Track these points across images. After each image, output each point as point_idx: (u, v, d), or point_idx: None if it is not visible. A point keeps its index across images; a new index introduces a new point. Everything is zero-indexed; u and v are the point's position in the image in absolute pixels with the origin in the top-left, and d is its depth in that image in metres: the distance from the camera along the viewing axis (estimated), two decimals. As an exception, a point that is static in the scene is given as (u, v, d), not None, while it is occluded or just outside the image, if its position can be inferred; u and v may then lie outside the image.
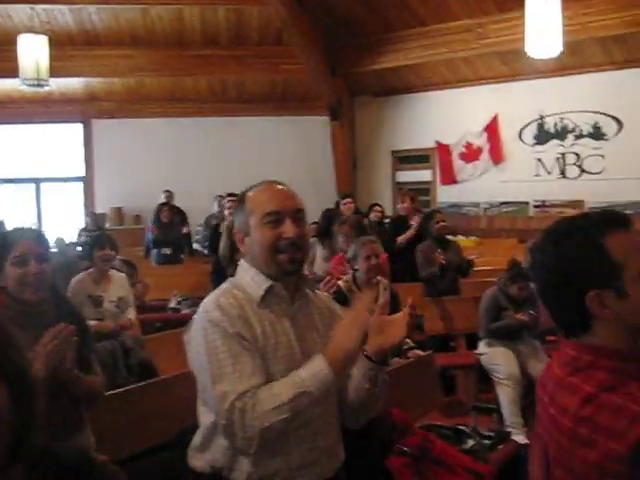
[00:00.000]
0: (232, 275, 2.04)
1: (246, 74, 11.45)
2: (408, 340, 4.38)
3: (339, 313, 2.13)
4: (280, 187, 2.01)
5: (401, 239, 6.95)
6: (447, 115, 11.30)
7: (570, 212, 10.02)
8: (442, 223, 6.27)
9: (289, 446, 1.85)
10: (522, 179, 10.65)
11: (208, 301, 1.90)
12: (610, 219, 1.34)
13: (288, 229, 1.90)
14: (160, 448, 2.81)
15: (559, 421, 1.31)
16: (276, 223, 1.90)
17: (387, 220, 8.19)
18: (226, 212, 7.08)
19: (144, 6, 9.98)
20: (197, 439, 1.97)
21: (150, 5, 9.95)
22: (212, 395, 1.79)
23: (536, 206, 10.64)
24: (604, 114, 10.09)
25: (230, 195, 6.92)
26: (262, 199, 1.95)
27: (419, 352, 4.28)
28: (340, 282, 4.25)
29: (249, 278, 1.94)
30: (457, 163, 11.34)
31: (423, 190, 11.41)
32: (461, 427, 3.72)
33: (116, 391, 3.22)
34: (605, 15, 8.53)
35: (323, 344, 1.90)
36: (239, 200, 2.05)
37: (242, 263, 2.00)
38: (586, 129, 10.27)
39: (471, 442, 3.58)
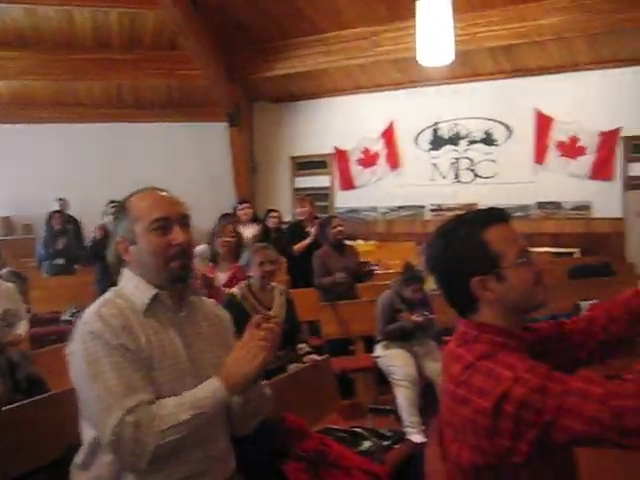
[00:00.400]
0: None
1: (141, 79, 11.16)
2: (304, 345, 4.39)
3: (227, 319, 2.11)
4: (164, 193, 1.98)
5: (298, 247, 6.95)
6: (345, 121, 11.43)
7: (464, 215, 10.33)
8: (339, 228, 6.30)
9: (179, 458, 1.80)
10: (418, 184, 10.91)
11: (89, 312, 1.84)
12: (490, 215, 1.56)
13: (177, 235, 1.87)
14: (50, 466, 2.71)
15: (447, 386, 1.51)
16: (164, 230, 1.86)
17: (285, 226, 8.19)
18: (105, 219, 6.92)
19: (31, 6, 9.56)
20: (79, 456, 1.89)
21: (37, 5, 9.54)
22: (96, 410, 1.72)
23: (432, 210, 10.90)
24: (495, 121, 10.47)
25: (112, 202, 6.75)
26: (148, 205, 1.90)
27: (315, 357, 4.28)
28: (234, 289, 4.21)
29: (133, 286, 1.89)
30: (355, 169, 11.49)
31: (322, 196, 11.52)
32: (357, 429, 3.74)
33: (2, 409, 3.06)
34: (494, 27, 8.85)
35: (211, 352, 1.88)
36: (121, 207, 1.98)
37: (125, 271, 1.94)
38: (478, 135, 10.62)
39: (367, 444, 3.60)
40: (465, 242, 1.52)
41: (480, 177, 10.61)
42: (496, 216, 1.56)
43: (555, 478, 1.51)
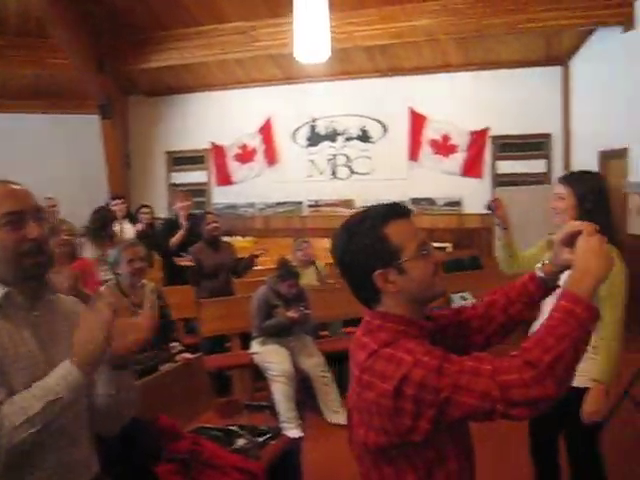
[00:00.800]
0: None
1: (7, 67, 10.55)
2: (177, 344, 4.30)
3: None
4: (16, 186, 1.85)
5: (174, 240, 6.81)
6: (222, 116, 11.29)
7: (341, 211, 10.51)
8: (213, 224, 6.24)
9: (33, 466, 1.70)
10: (296, 180, 10.95)
11: None
12: (392, 210, 1.61)
13: (32, 230, 1.76)
14: None
15: (353, 373, 1.59)
16: (17, 224, 1.75)
17: (160, 222, 8.00)
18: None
19: None
20: None
21: None
22: None
23: (310, 206, 10.98)
24: (370, 118, 10.67)
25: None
26: None
27: (188, 355, 4.20)
28: (102, 287, 4.06)
29: None
30: (232, 164, 11.36)
31: (198, 191, 11.29)
32: (232, 427, 3.70)
33: None
34: (370, 26, 9.01)
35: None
36: None
37: None
38: (355, 132, 10.78)
39: (242, 441, 3.57)
40: (368, 236, 1.57)
41: (356, 173, 10.78)
42: (397, 211, 1.62)
43: (455, 455, 1.61)
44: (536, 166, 9.77)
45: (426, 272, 1.59)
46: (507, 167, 10.07)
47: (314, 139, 10.98)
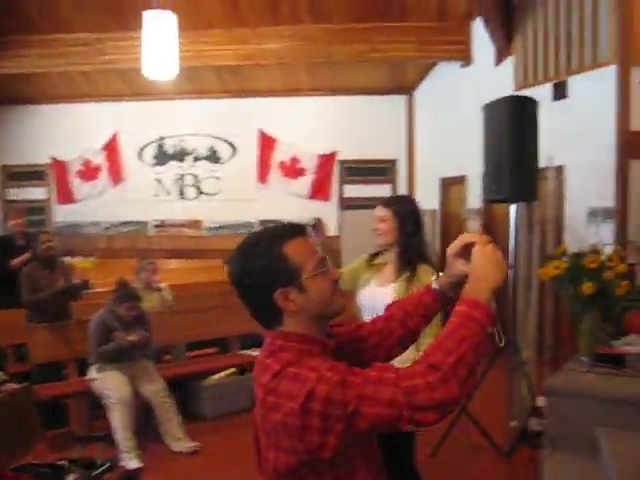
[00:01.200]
0: None
1: None
2: (1, 374, 3.99)
3: None
4: None
5: (16, 262, 6.35)
6: (65, 131, 10.83)
7: (188, 231, 10.35)
8: (48, 244, 5.90)
9: None
10: (142, 199, 10.68)
11: None
12: (289, 229, 1.61)
13: None
14: None
15: (258, 396, 1.56)
16: None
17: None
18: None
19: None
20: None
21: None
22: None
23: (156, 226, 10.72)
24: (220, 138, 10.62)
25: None
26: None
27: (13, 385, 3.90)
28: None
29: None
30: (75, 181, 10.90)
31: (37, 209, 10.74)
32: (62, 462, 3.47)
33: None
34: (220, 46, 8.99)
35: None
36: None
37: None
38: (204, 152, 10.71)
39: (72, 477, 3.35)
40: (266, 256, 1.56)
41: (205, 194, 10.68)
42: (294, 230, 1.62)
43: (365, 468, 1.62)
44: (382, 190, 10.09)
45: (325, 289, 1.60)
46: (354, 191, 10.36)
47: (162, 158, 10.79)
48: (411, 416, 1.42)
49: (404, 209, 3.14)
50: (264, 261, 1.56)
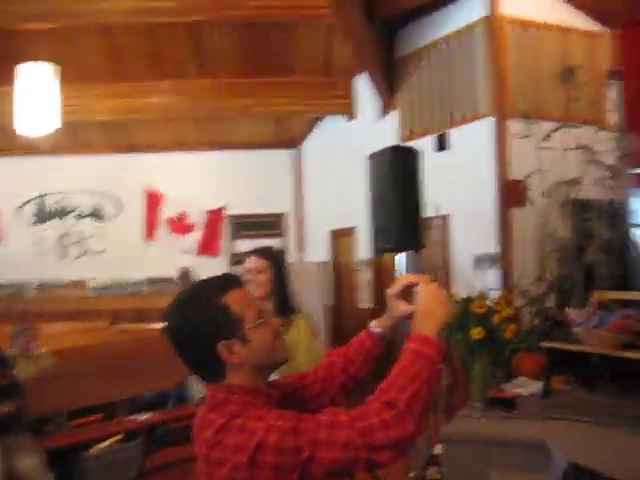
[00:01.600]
0: None
1: None
2: None
3: None
4: None
5: None
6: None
7: (73, 292, 9.90)
8: None
9: None
10: (21, 258, 10.12)
11: None
12: (226, 281, 1.58)
13: None
14: None
15: (200, 452, 1.48)
16: None
17: None
18: None
19: None
20: None
21: None
22: None
23: (37, 287, 10.19)
24: (105, 195, 10.32)
25: None
26: None
27: None
28: None
29: None
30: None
31: None
32: None
33: None
34: (104, 100, 8.72)
35: None
36: None
37: None
38: (88, 209, 10.37)
39: None
40: (207, 308, 1.51)
41: (90, 252, 10.28)
42: (231, 281, 1.59)
43: None
44: (272, 244, 9.99)
45: (268, 339, 1.57)
46: (244, 246, 10.23)
47: (43, 215, 10.34)
48: (369, 456, 1.38)
49: (278, 259, 3.20)
50: (205, 313, 1.51)
